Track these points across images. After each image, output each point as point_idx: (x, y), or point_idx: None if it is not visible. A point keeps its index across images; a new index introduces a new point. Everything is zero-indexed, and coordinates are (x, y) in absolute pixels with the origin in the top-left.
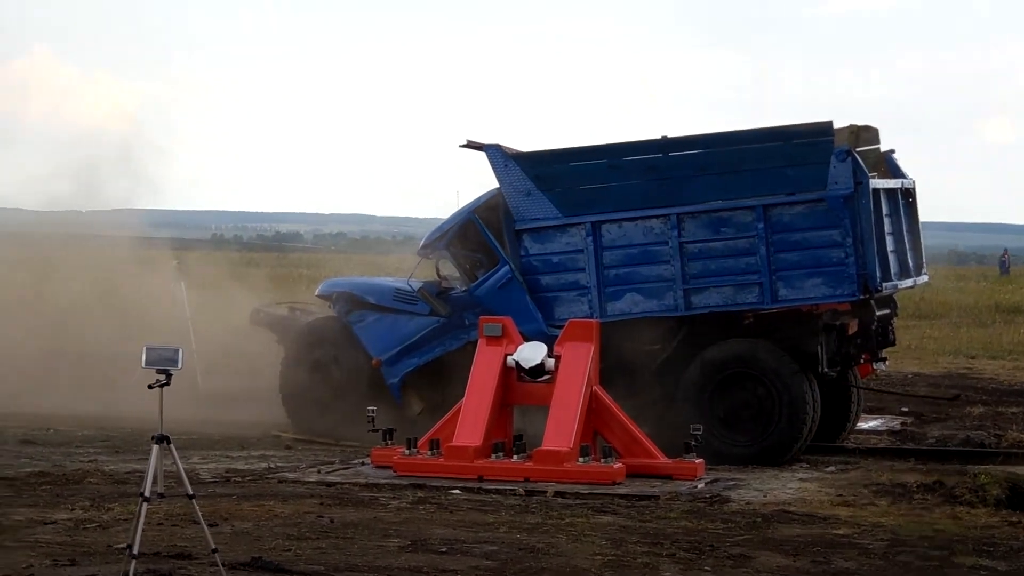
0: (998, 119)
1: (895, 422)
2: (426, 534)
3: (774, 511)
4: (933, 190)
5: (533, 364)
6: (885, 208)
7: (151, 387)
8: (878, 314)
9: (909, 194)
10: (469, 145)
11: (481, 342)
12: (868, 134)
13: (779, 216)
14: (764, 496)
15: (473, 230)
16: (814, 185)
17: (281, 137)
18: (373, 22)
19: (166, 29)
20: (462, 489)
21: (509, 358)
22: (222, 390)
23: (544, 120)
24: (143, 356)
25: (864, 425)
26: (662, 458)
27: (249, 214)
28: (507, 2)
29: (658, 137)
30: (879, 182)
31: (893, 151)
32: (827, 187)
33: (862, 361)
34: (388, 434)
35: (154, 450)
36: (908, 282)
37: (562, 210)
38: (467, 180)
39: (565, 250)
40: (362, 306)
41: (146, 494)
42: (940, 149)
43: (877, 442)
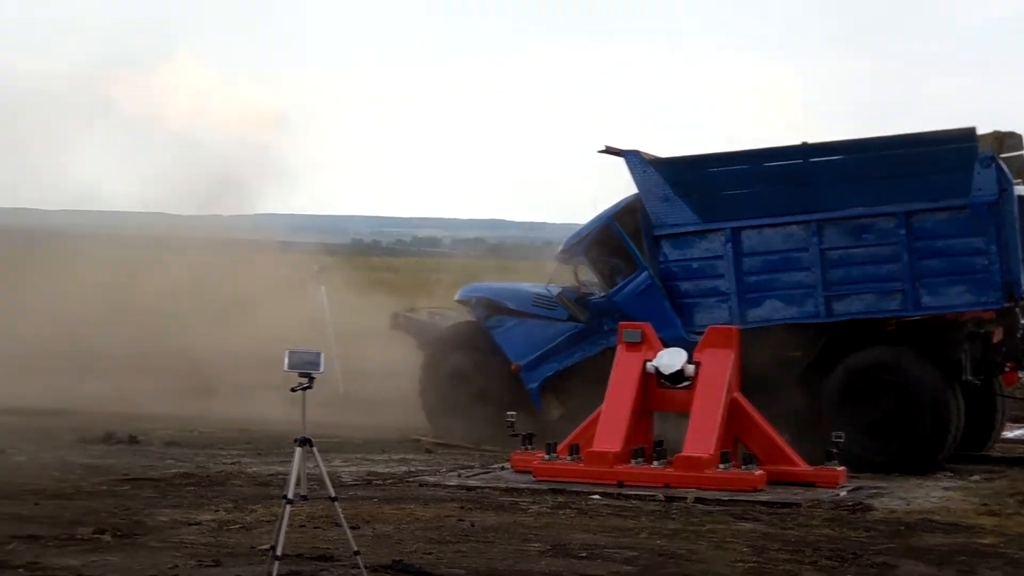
0: None
1: None
2: (566, 539)
3: (918, 520)
4: None
5: (673, 370)
6: None
7: (293, 390)
8: (1023, 322)
9: None
10: (607, 151)
11: (620, 348)
12: (1012, 140)
13: (922, 223)
14: (907, 504)
15: (612, 236)
16: (957, 192)
17: (419, 142)
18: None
19: (306, 34)
20: (602, 494)
21: (648, 364)
22: (362, 394)
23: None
24: (285, 360)
25: (1009, 434)
26: (803, 465)
27: (387, 219)
28: (644, 8)
29: (798, 143)
30: (1023, 188)
31: None
32: (971, 194)
33: (1007, 369)
34: (527, 439)
35: (297, 453)
36: None
37: (700, 216)
38: (604, 186)
39: (704, 256)
40: (501, 311)
41: (289, 496)
42: None
43: (1023, 451)
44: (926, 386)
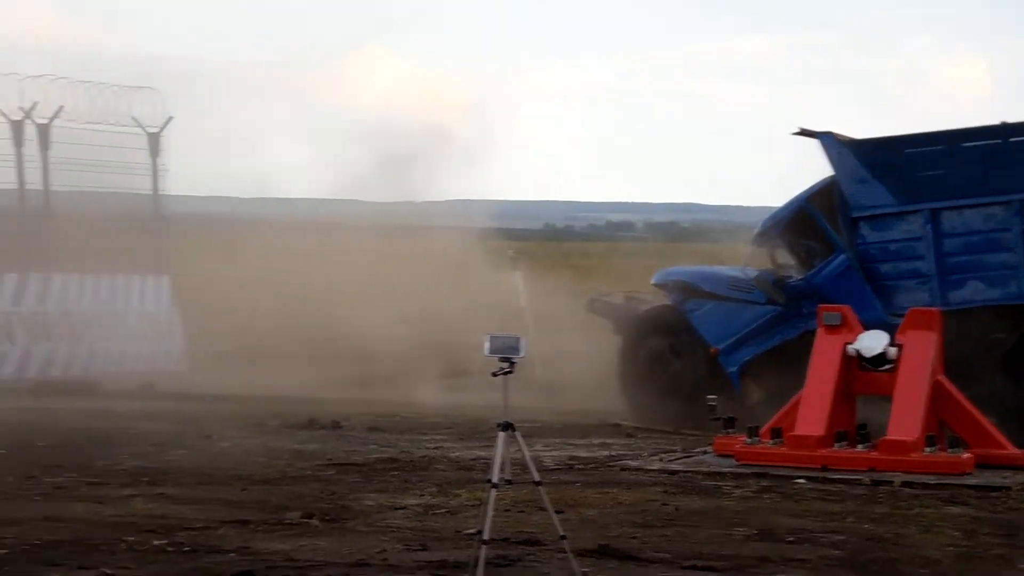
0: None
1: None
2: (772, 523)
3: None
4: None
5: (875, 353)
6: None
7: (495, 375)
8: None
9: None
10: (802, 133)
11: (820, 331)
12: None
13: None
14: None
15: (807, 218)
16: None
17: (612, 127)
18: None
19: (492, 19)
20: (806, 478)
21: (849, 347)
22: (559, 379)
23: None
24: (486, 344)
25: None
26: (1012, 448)
27: (580, 204)
28: None
29: (997, 123)
30: None
31: None
32: None
33: None
34: (729, 423)
35: (500, 437)
36: None
37: (897, 197)
38: (797, 168)
39: (904, 238)
40: (697, 294)
41: (494, 480)
42: None
43: None
44: None
